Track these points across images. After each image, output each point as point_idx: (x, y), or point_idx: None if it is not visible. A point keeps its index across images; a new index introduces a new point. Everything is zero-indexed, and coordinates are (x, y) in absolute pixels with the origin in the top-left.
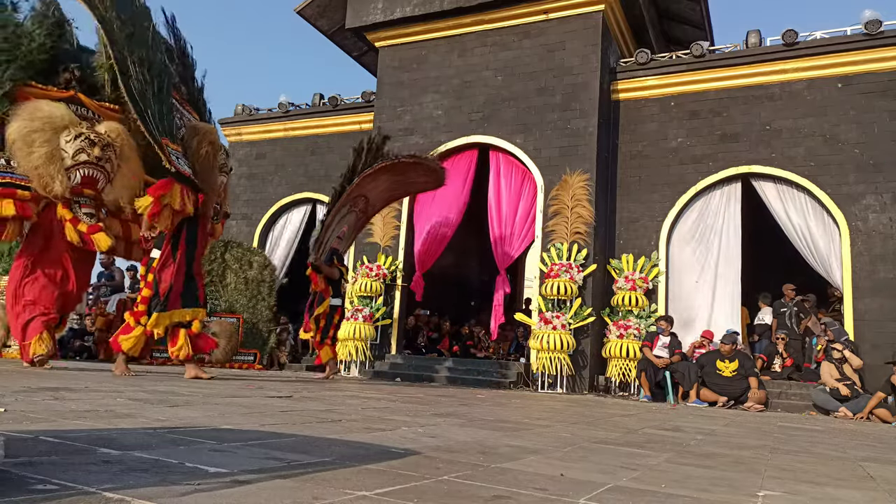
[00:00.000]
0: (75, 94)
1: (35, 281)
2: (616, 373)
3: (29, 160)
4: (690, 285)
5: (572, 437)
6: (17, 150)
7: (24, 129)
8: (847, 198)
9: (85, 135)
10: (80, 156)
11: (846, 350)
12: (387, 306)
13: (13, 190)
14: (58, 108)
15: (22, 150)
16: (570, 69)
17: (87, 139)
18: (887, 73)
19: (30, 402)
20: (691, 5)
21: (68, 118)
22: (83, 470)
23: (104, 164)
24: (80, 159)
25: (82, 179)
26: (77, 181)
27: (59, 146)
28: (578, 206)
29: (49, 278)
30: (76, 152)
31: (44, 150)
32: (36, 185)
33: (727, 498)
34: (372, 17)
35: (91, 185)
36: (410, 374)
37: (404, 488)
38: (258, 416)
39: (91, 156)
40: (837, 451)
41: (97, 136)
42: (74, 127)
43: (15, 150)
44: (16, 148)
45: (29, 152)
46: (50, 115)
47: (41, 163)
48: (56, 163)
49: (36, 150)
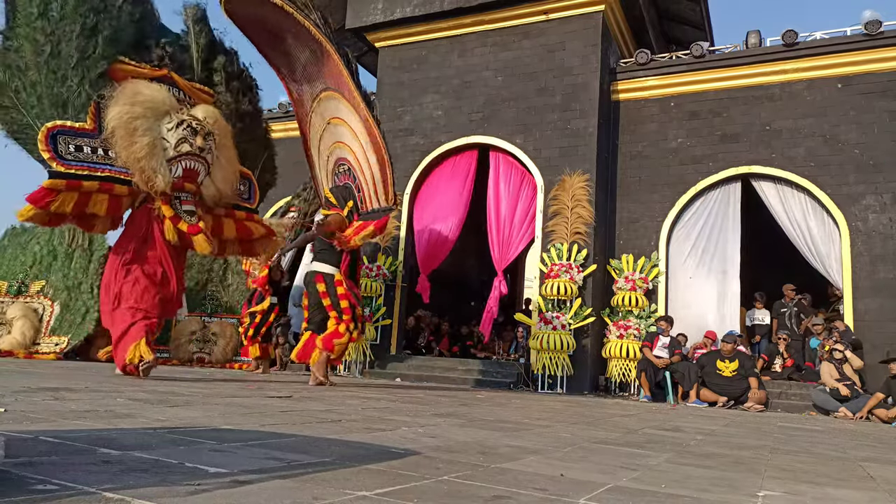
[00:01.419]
0: (168, 72)
1: (136, 283)
2: (616, 373)
3: (130, 151)
4: (690, 285)
5: (572, 437)
6: (117, 139)
7: (125, 116)
8: (847, 198)
9: (187, 122)
10: (182, 146)
11: (846, 350)
12: (387, 306)
13: (111, 185)
14: (158, 91)
15: (123, 139)
16: (570, 69)
17: (189, 127)
18: (887, 74)
19: (30, 402)
20: (691, 5)
21: (169, 102)
22: (83, 470)
23: (206, 154)
24: (183, 150)
25: (184, 173)
26: (178, 175)
27: (160, 135)
28: (578, 207)
29: (150, 279)
30: (178, 142)
31: (146, 140)
32: (137, 180)
33: (727, 498)
34: (372, 17)
35: (192, 178)
36: (410, 374)
37: (404, 488)
38: (258, 416)
39: (194, 146)
40: (837, 451)
41: (198, 123)
42: (175, 113)
43: (115, 138)
44: (117, 137)
45: (130, 142)
46: (151, 98)
47: (143, 154)
48: (158, 154)
49: (138, 139)
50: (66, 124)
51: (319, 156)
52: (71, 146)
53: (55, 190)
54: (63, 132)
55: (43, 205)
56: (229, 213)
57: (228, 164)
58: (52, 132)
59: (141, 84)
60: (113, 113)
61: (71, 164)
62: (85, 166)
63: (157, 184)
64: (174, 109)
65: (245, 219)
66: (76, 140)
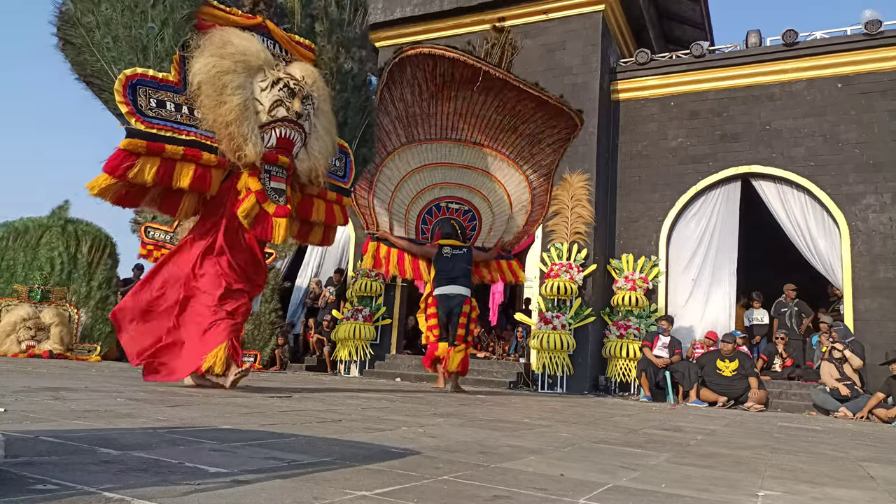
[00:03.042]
0: (263, 20)
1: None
2: (616, 373)
3: (218, 112)
4: (689, 285)
5: (572, 437)
6: (203, 98)
7: (213, 70)
8: (847, 198)
9: (284, 81)
10: (277, 110)
11: (846, 350)
12: (387, 306)
13: (198, 152)
14: (251, 42)
15: (210, 97)
16: (570, 69)
17: (286, 87)
18: (887, 73)
19: (30, 402)
20: (691, 5)
21: (263, 57)
22: (83, 470)
23: (303, 121)
24: (278, 114)
25: (278, 142)
26: (271, 144)
27: (252, 95)
28: (578, 206)
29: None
30: (273, 105)
31: (237, 100)
32: (224, 147)
33: (727, 498)
34: (372, 17)
35: (287, 150)
36: (410, 374)
37: (404, 488)
38: (258, 416)
39: (291, 111)
40: (837, 451)
41: (296, 83)
42: (270, 69)
43: (201, 96)
44: (202, 94)
45: (219, 101)
46: (244, 50)
47: (234, 117)
48: (250, 118)
49: (227, 98)
50: (147, 73)
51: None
52: (152, 100)
53: (135, 153)
54: (144, 82)
55: (121, 173)
56: (321, 192)
57: (327, 133)
58: (132, 81)
59: (231, 33)
60: (199, 65)
61: (153, 122)
62: (168, 126)
63: (247, 154)
64: (269, 65)
65: (335, 201)
66: (158, 94)
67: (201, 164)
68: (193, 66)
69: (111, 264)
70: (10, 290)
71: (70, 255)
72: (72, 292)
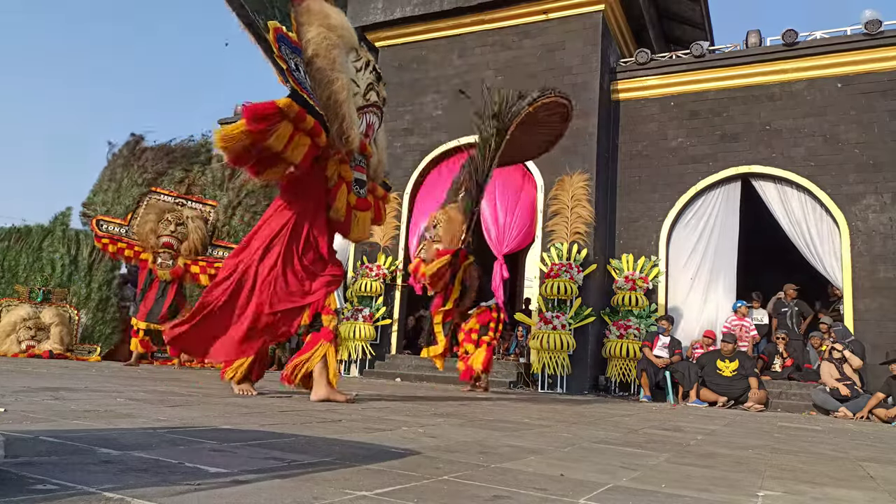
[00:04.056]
0: None
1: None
2: (616, 373)
3: (330, 88)
4: (689, 285)
5: (572, 437)
6: (314, 71)
7: (324, 42)
8: (847, 198)
9: (372, 63)
10: (371, 93)
11: (846, 350)
12: (387, 306)
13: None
14: (344, 18)
15: (321, 71)
16: (570, 69)
17: (375, 71)
18: (887, 73)
19: (30, 402)
20: (691, 5)
21: (355, 36)
22: (83, 470)
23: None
24: (371, 99)
25: (367, 129)
26: (363, 131)
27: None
28: (578, 206)
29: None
30: (368, 88)
31: (344, 79)
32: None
33: (727, 498)
34: (372, 17)
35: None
36: (410, 374)
37: (404, 488)
38: (258, 416)
39: (381, 96)
40: (837, 451)
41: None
42: (361, 50)
43: (314, 68)
44: (314, 66)
45: (331, 77)
46: (344, 25)
47: (345, 97)
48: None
49: (338, 74)
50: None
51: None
52: (292, 61)
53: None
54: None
55: (263, 128)
56: (373, 187)
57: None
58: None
59: (327, 5)
60: (312, 34)
61: (303, 87)
62: (307, 92)
63: (353, 138)
64: (358, 46)
65: (382, 197)
66: (293, 55)
67: (317, 141)
68: (305, 34)
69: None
70: (10, 291)
71: (71, 258)
72: (72, 293)
